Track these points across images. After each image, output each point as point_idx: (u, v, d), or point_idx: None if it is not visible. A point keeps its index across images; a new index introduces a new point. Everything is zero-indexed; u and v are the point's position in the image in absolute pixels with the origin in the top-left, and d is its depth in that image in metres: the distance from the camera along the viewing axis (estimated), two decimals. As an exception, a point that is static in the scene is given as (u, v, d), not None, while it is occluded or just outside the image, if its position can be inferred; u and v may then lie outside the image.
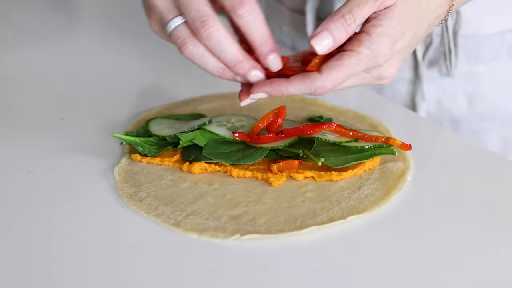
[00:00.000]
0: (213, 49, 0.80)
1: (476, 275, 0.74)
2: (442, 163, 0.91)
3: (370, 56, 0.79)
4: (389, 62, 0.81)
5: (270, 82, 0.80)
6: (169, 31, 0.81)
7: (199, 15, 0.78)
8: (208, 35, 0.78)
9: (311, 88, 0.79)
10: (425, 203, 0.84)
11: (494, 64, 1.11)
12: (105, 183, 0.87)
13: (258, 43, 0.80)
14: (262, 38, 0.80)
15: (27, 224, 0.81)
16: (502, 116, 1.14)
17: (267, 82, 0.80)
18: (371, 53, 0.79)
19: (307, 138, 0.89)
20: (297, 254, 0.77)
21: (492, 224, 0.81)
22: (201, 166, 0.88)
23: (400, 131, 0.97)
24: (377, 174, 0.88)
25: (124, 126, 0.99)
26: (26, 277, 0.74)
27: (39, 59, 1.20)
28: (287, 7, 1.20)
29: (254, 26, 0.79)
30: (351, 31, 0.79)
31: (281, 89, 0.80)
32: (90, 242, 0.78)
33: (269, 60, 0.81)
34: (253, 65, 0.81)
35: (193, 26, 0.79)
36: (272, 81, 0.80)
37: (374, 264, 0.75)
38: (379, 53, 0.79)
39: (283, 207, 0.82)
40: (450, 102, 1.13)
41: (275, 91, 0.80)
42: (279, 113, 0.90)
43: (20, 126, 1.01)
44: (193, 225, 0.79)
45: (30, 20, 1.37)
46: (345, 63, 0.78)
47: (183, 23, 0.80)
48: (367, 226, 0.80)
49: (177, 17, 0.80)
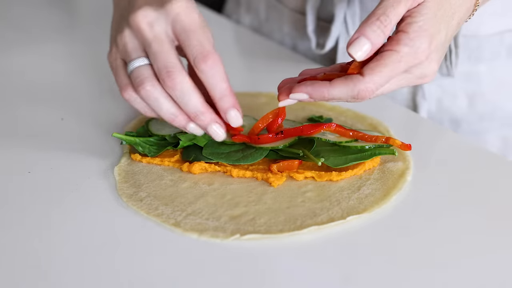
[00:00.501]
0: (176, 98, 0.82)
1: (476, 275, 0.74)
2: (442, 163, 0.91)
3: (410, 54, 0.79)
4: (429, 58, 0.80)
5: (312, 83, 0.80)
6: (131, 68, 0.83)
7: (166, 65, 0.81)
8: (173, 85, 0.81)
9: (354, 91, 0.79)
10: (425, 203, 0.84)
11: (494, 64, 1.11)
12: (105, 183, 0.87)
13: (218, 98, 0.83)
14: (222, 93, 0.82)
15: (27, 224, 0.81)
16: (502, 116, 1.14)
17: (309, 83, 0.81)
18: (411, 50, 0.78)
19: (307, 138, 0.89)
20: (297, 254, 0.77)
21: (492, 224, 0.81)
22: (201, 166, 0.88)
23: (400, 131, 0.97)
24: (377, 174, 0.87)
25: (124, 126, 0.99)
26: (26, 277, 0.74)
27: (39, 59, 1.20)
28: (287, 7, 1.20)
29: (215, 81, 0.82)
30: (388, 32, 0.79)
31: (322, 91, 0.80)
32: (90, 242, 0.78)
33: (229, 116, 0.84)
34: (214, 119, 0.84)
35: (159, 74, 0.82)
36: (314, 82, 0.80)
37: (374, 264, 0.75)
38: (418, 49, 0.79)
39: (283, 207, 0.82)
40: (450, 102, 1.13)
41: (316, 93, 0.80)
42: (279, 113, 0.90)
43: (20, 126, 1.01)
44: (193, 225, 0.80)
45: (30, 20, 1.37)
46: (386, 62, 0.78)
47: (146, 64, 0.83)
48: (367, 226, 0.80)
49: (142, 58, 0.83)
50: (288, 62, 1.17)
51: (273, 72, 1.15)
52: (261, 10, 1.26)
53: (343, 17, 1.11)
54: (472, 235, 0.79)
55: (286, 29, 1.22)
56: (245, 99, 1.04)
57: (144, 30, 0.82)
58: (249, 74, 1.16)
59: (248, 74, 1.16)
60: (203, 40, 0.82)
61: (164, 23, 0.82)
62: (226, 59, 1.22)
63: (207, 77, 0.82)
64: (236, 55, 1.23)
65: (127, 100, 0.85)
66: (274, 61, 1.17)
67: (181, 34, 0.82)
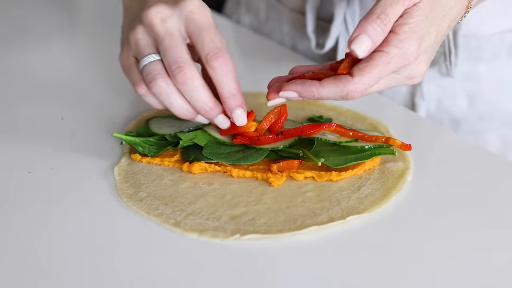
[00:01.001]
0: (185, 93, 0.83)
1: (476, 275, 0.74)
2: (442, 163, 0.91)
3: (399, 55, 0.79)
4: (418, 59, 0.81)
5: (302, 82, 0.81)
6: (143, 64, 0.83)
7: (176, 60, 0.81)
8: (183, 80, 0.81)
9: (343, 91, 0.79)
10: (425, 203, 0.84)
11: (494, 64, 1.11)
12: (105, 183, 0.87)
13: (226, 96, 0.83)
14: (231, 92, 0.83)
15: (27, 224, 0.81)
16: (502, 115, 1.14)
17: (299, 81, 0.81)
18: (400, 52, 0.79)
19: (307, 138, 0.89)
20: (297, 254, 0.77)
21: (492, 224, 0.81)
22: (201, 166, 0.88)
23: (400, 131, 0.97)
24: (377, 174, 0.88)
25: (124, 126, 0.99)
26: (26, 277, 0.74)
27: (39, 59, 1.20)
28: (287, 7, 1.20)
29: (225, 80, 0.82)
30: (387, 30, 0.79)
31: (312, 90, 0.80)
32: (90, 242, 0.78)
33: (235, 114, 0.84)
34: (220, 112, 0.84)
35: (170, 69, 0.82)
36: (304, 81, 0.81)
37: (374, 264, 0.75)
38: (408, 50, 0.79)
39: (283, 207, 0.82)
40: (450, 102, 1.13)
41: (306, 92, 0.81)
42: (281, 113, 0.90)
43: (20, 126, 1.01)
44: (193, 225, 0.80)
45: (31, 20, 1.37)
46: (376, 63, 0.79)
47: (158, 60, 0.83)
48: (367, 226, 0.80)
49: (154, 54, 0.83)
50: (288, 62, 1.16)
51: (273, 72, 1.14)
52: (261, 10, 1.26)
53: (343, 17, 1.11)
54: (472, 235, 0.79)
55: (286, 29, 1.22)
56: (245, 99, 1.03)
57: (157, 25, 0.82)
58: (249, 74, 1.16)
59: (248, 74, 1.16)
60: (216, 38, 0.82)
61: (177, 19, 0.82)
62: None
63: (218, 75, 0.82)
64: (236, 55, 1.23)
65: (141, 96, 0.85)
66: (274, 61, 1.17)
67: (194, 31, 0.82)
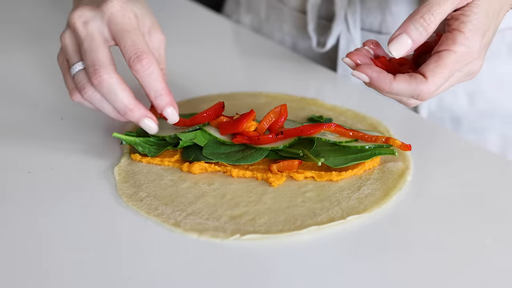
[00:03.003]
0: (104, 96, 0.84)
1: (476, 275, 0.74)
2: (442, 163, 0.91)
3: (465, 53, 0.79)
4: (479, 55, 0.80)
5: (379, 70, 0.80)
6: (73, 73, 0.86)
7: (93, 63, 0.83)
8: (98, 83, 0.83)
9: (416, 91, 0.79)
10: (425, 203, 0.84)
11: (494, 62, 1.11)
12: (105, 183, 0.87)
13: (154, 97, 0.85)
14: (157, 92, 0.85)
15: (27, 224, 0.81)
16: (503, 114, 1.15)
17: (376, 68, 0.80)
18: (467, 50, 0.78)
19: (307, 138, 0.89)
20: (297, 254, 0.77)
21: (492, 224, 0.81)
22: (201, 166, 0.88)
23: (400, 131, 0.97)
24: (377, 174, 0.87)
25: (124, 126, 0.99)
26: (26, 277, 0.74)
27: (39, 58, 1.20)
28: (287, 6, 1.20)
29: (150, 81, 0.84)
30: (431, 30, 0.78)
31: (385, 82, 0.79)
32: (90, 242, 0.78)
33: (166, 113, 0.86)
34: (144, 114, 0.86)
35: (87, 72, 0.83)
36: (382, 70, 0.80)
37: (374, 264, 0.75)
38: (473, 48, 0.79)
39: (283, 207, 0.82)
40: (450, 100, 1.13)
41: (378, 80, 0.79)
42: (281, 112, 0.90)
43: (20, 126, 1.01)
44: (193, 225, 0.80)
45: (30, 20, 1.37)
46: (445, 63, 0.78)
47: (83, 68, 0.85)
48: (367, 226, 0.80)
49: (80, 62, 0.85)
50: (288, 62, 1.16)
51: (273, 72, 1.14)
52: (261, 10, 1.26)
53: (344, 15, 1.11)
54: (472, 235, 0.79)
55: (286, 28, 1.22)
56: (245, 99, 1.04)
57: (78, 28, 0.84)
58: (249, 74, 1.16)
59: (248, 74, 1.16)
60: (137, 40, 0.83)
61: (99, 22, 0.84)
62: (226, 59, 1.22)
63: (142, 77, 0.84)
64: (236, 55, 1.23)
65: (78, 104, 0.87)
66: (274, 61, 1.17)
67: (117, 34, 0.84)
